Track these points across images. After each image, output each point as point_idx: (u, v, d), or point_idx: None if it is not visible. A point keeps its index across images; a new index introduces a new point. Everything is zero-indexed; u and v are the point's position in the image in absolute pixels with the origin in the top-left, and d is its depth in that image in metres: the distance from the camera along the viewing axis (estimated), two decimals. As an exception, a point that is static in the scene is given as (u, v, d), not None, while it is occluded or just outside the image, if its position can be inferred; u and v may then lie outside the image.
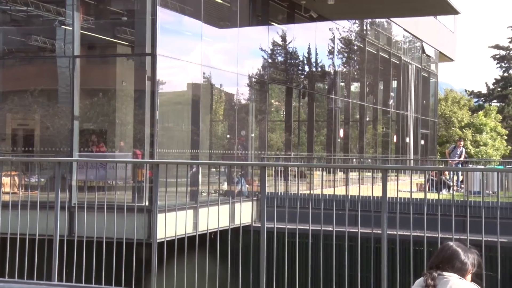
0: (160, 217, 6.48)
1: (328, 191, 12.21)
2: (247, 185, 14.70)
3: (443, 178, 17.88)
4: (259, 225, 6.04)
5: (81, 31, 12.72)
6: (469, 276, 3.45)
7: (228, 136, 16.47)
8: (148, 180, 11.55)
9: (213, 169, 11.99)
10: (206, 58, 14.81)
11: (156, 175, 6.58)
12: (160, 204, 6.61)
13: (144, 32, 12.31)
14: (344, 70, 23.03)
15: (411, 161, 25.71)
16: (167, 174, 6.37)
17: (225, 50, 16.24)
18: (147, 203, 10.90)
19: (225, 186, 12.98)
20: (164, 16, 12.92)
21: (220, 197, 6.63)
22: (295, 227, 6.11)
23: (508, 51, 62.16)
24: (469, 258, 3.45)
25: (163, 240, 6.44)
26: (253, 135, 16.96)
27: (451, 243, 3.54)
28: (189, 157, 13.63)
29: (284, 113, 19.68)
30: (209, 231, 6.17)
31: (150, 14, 12.19)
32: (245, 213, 10.60)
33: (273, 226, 6.13)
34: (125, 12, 13.87)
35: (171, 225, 6.29)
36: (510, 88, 61.47)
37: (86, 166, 8.12)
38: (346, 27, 22.35)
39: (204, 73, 14.73)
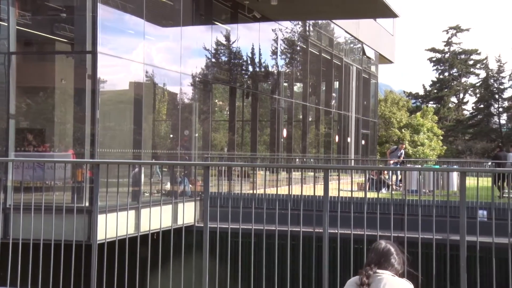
0: (101, 218, 6.35)
1: (271, 190, 12.30)
2: (190, 185, 14.62)
3: (383, 177, 18.33)
4: (202, 225, 6.02)
5: (17, 27, 12.30)
6: (401, 272, 3.51)
7: (171, 136, 16.31)
8: (88, 181, 11.30)
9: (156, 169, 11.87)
10: (149, 56, 14.63)
11: (97, 175, 6.44)
12: (101, 205, 6.48)
13: (84, 29, 12.04)
14: (287, 70, 23.25)
15: (352, 161, 26.22)
16: (108, 174, 6.26)
17: (168, 49, 16.09)
18: (87, 204, 10.67)
19: (168, 186, 12.86)
20: (105, 13, 12.67)
21: (163, 197, 6.56)
22: (238, 226, 6.12)
23: (443, 54, 64.40)
24: (401, 256, 3.53)
25: (103, 241, 6.31)
26: (196, 134, 16.87)
27: (383, 242, 3.58)
28: (131, 157, 13.43)
29: (228, 113, 19.68)
30: (151, 231, 6.10)
31: (90, 11, 11.93)
32: (188, 213, 10.53)
33: (216, 226, 6.11)
34: (64, 8, 13.50)
35: (112, 226, 6.18)
36: (446, 90, 63.71)
37: (22, 166, 7.86)
38: (289, 28, 22.58)
39: (146, 72, 14.55)
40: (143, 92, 14.47)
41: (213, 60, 18.03)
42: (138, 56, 14.06)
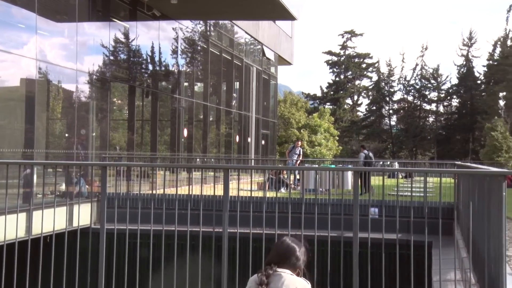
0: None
1: (171, 190, 12.18)
2: (86, 186, 14.16)
3: (282, 177, 18.71)
4: (99, 226, 5.84)
5: None
6: (299, 271, 3.55)
7: (66, 135, 15.70)
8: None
9: (49, 169, 11.36)
10: (42, 52, 13.99)
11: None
12: (-12, 208, 6.11)
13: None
14: (188, 70, 23.13)
15: (252, 161, 26.55)
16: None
17: (63, 45, 15.47)
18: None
19: (63, 187, 12.37)
20: (-7, 5, 11.97)
21: (57, 199, 6.29)
22: (137, 227, 6.01)
23: (339, 57, 66.88)
24: (303, 254, 3.57)
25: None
26: (94, 134, 16.36)
27: (287, 239, 3.60)
28: (23, 156, 12.78)
29: (127, 112, 19.24)
30: (43, 234, 5.83)
31: (-24, 2, 11.23)
32: (84, 215, 10.18)
33: (113, 227, 5.95)
34: None
35: (0, 229, 5.85)
36: (341, 92, 66.20)
37: None
38: (189, 27, 22.47)
39: (40, 69, 13.90)
40: (36, 89, 13.81)
41: (111, 58, 17.57)
42: (30, 51, 13.40)
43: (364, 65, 67.08)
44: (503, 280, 4.32)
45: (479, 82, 62.83)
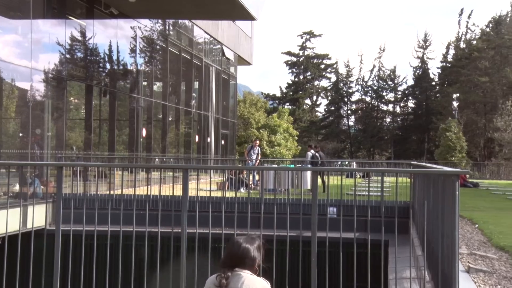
0: None
1: (129, 191, 12.03)
2: (42, 187, 13.85)
3: (241, 177, 18.73)
4: (54, 228, 5.73)
5: None
6: (257, 267, 3.54)
7: (20, 134, 15.33)
8: None
9: (2, 170, 11.08)
10: (-5, 49, 13.63)
11: None
12: None
13: None
14: (147, 69, 22.90)
15: (212, 161, 26.48)
16: None
17: (17, 43, 15.10)
18: None
19: (16, 188, 12.07)
20: None
21: (10, 200, 6.13)
22: (94, 228, 5.91)
23: (298, 58, 67.40)
24: (257, 252, 3.55)
25: None
26: (49, 133, 16.02)
27: (239, 240, 3.52)
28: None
29: (84, 111, 18.92)
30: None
31: None
32: (38, 216, 9.96)
33: (69, 228, 5.85)
34: None
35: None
36: (300, 92, 66.74)
37: None
38: (148, 26, 22.25)
39: (-8, 66, 13.54)
40: (-11, 88, 13.45)
41: (68, 56, 17.24)
42: (-17, 48, 13.04)
43: (323, 66, 67.76)
44: (456, 277, 4.43)
45: (434, 83, 64.34)
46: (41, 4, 15.47)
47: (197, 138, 27.54)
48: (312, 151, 21.66)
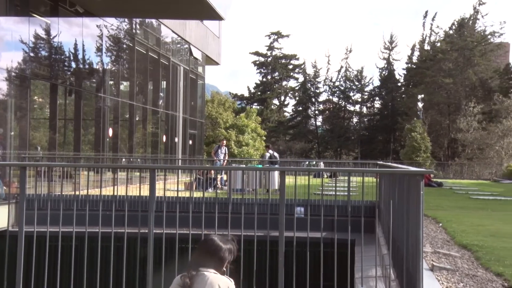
0: None
1: (95, 191, 11.88)
2: (4, 187, 13.57)
3: (209, 177, 18.68)
4: (17, 229, 5.61)
5: None
6: (225, 268, 3.55)
7: (-18, 134, 14.99)
8: None
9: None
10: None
11: None
12: None
13: None
14: (113, 68, 22.64)
15: (180, 161, 26.33)
16: None
17: (-21, 40, 14.76)
18: None
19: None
20: None
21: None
22: (58, 230, 5.82)
23: (266, 58, 67.56)
24: (228, 250, 3.56)
25: None
26: (12, 133, 15.70)
27: (212, 237, 3.59)
28: None
29: (49, 110, 18.59)
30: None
31: None
32: (0, 217, 9.76)
33: (33, 230, 5.74)
34: None
35: None
36: (268, 92, 66.91)
37: None
38: (115, 25, 22.00)
39: (-47, 64, 13.20)
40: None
41: (32, 54, 16.92)
42: None
43: (290, 66, 68.06)
44: (420, 275, 4.50)
45: (399, 84, 65.27)
46: (3, 1, 15.15)
47: (164, 138, 27.35)
48: (270, 151, 21.89)
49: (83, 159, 19.09)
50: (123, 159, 22.49)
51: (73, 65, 19.93)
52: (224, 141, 23.70)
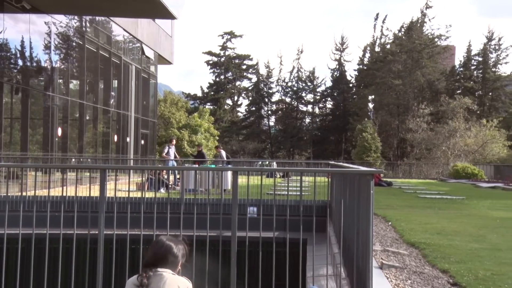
0: None
1: (43, 192, 11.60)
2: None
3: (161, 177, 18.50)
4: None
5: None
6: (179, 268, 3.55)
7: None
8: None
9: None
10: None
11: None
12: None
13: None
14: (62, 66, 22.13)
15: (131, 161, 25.98)
16: None
17: None
18: None
19: None
20: None
21: None
22: (3, 232, 5.65)
23: (219, 58, 67.45)
24: (180, 251, 3.56)
25: None
26: (-45, 132, 15.15)
27: (163, 238, 3.58)
28: None
29: (-6, 109, 18.03)
30: None
31: None
32: None
33: (-23, 233, 5.56)
34: None
35: None
36: (222, 92, 66.82)
37: None
38: (64, 22, 21.52)
39: None
40: None
41: (-23, 50, 16.37)
42: None
43: (244, 66, 68.15)
44: (369, 273, 4.58)
45: (351, 85, 66.29)
46: None
47: (116, 137, 26.93)
48: (222, 150, 22.04)
49: (31, 159, 18.59)
50: (73, 159, 22.02)
51: (20, 62, 19.39)
52: (173, 141, 23.34)
